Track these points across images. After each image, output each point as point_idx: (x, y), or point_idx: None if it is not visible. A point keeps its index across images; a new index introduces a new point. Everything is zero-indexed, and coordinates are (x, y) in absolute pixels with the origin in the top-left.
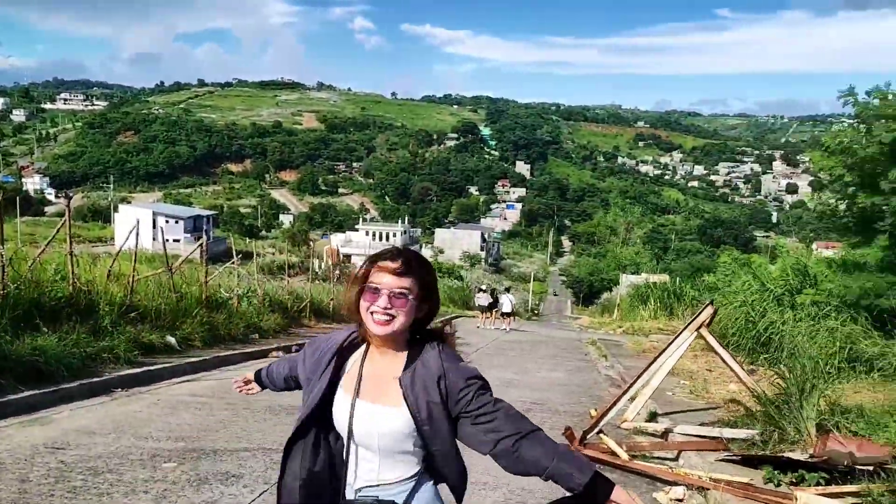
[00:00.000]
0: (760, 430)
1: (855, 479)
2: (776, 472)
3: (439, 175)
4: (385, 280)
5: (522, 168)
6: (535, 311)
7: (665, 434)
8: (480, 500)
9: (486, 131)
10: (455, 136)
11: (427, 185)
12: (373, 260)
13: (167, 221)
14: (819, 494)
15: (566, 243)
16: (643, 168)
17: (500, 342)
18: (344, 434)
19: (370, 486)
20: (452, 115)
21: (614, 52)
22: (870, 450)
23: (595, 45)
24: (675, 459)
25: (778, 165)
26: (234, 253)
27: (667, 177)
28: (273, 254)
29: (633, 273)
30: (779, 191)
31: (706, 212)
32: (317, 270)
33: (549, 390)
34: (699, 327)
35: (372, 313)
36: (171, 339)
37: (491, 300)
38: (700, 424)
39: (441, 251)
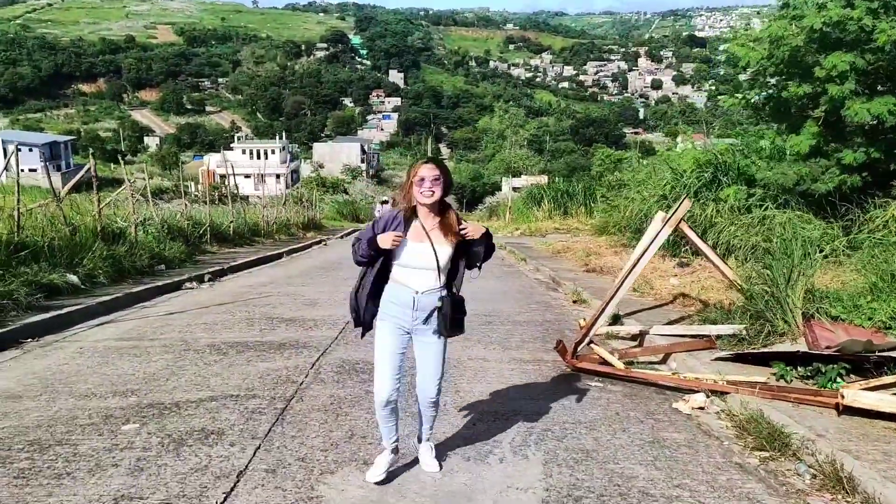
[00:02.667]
0: (746, 325)
1: (882, 369)
2: (788, 368)
3: (311, 88)
4: (425, 173)
5: (396, 77)
6: None
7: (640, 336)
8: (499, 431)
9: (356, 40)
10: (324, 45)
11: (300, 98)
12: (413, 165)
13: (19, 150)
14: (863, 389)
15: (445, 150)
16: (515, 71)
17: None
18: (419, 263)
19: (429, 290)
20: (320, 23)
21: None
22: (859, 334)
23: None
24: (663, 362)
25: (643, 62)
26: (117, 180)
27: (538, 79)
28: (143, 179)
29: (513, 176)
30: (644, 87)
31: (577, 112)
32: (196, 193)
33: (493, 301)
34: (678, 222)
35: (422, 192)
36: (74, 278)
37: None
38: (668, 323)
39: (321, 165)
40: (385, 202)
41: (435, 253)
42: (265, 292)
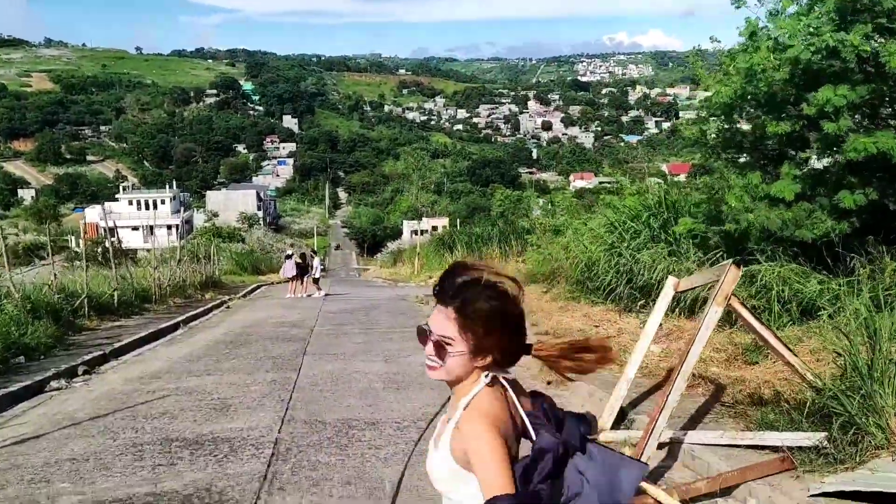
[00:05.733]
0: (830, 432)
1: None
2: None
3: (202, 135)
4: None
5: (290, 122)
6: (324, 268)
7: (670, 445)
8: None
9: (247, 86)
10: (214, 92)
11: (190, 146)
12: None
13: None
14: None
15: (343, 195)
16: (409, 115)
17: (327, 315)
18: None
19: None
20: (209, 69)
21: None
22: None
23: None
24: (726, 493)
25: (532, 105)
26: None
27: (433, 122)
28: (17, 234)
29: (411, 219)
30: (535, 129)
31: (473, 153)
32: (76, 249)
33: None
34: (727, 298)
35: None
36: None
37: (300, 267)
38: (691, 421)
39: (216, 214)
40: (289, 257)
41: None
42: (159, 390)
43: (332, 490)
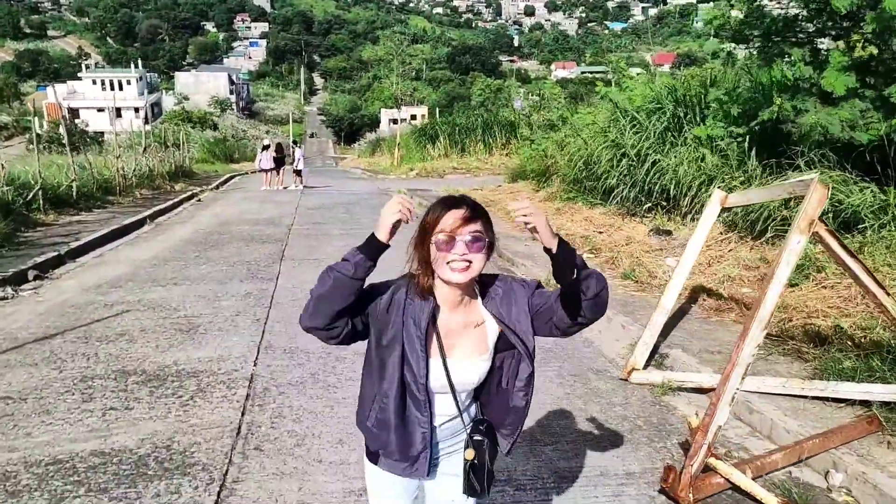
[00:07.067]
0: None
1: None
2: None
3: (167, 10)
4: (455, 225)
5: (261, 0)
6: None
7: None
8: None
9: None
10: None
11: (155, 22)
12: (439, 210)
13: None
14: None
15: (318, 81)
16: None
17: (305, 212)
18: (425, 386)
19: (452, 418)
20: None
21: None
22: None
23: None
24: (799, 461)
25: None
26: None
27: (412, 4)
28: None
29: (390, 107)
30: (518, 14)
31: (453, 39)
32: (39, 132)
33: None
34: (812, 224)
35: (450, 263)
36: None
37: (276, 159)
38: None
39: (185, 98)
40: (266, 147)
41: (448, 375)
42: (118, 303)
43: (320, 452)
